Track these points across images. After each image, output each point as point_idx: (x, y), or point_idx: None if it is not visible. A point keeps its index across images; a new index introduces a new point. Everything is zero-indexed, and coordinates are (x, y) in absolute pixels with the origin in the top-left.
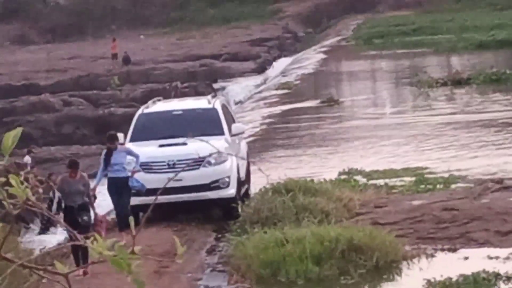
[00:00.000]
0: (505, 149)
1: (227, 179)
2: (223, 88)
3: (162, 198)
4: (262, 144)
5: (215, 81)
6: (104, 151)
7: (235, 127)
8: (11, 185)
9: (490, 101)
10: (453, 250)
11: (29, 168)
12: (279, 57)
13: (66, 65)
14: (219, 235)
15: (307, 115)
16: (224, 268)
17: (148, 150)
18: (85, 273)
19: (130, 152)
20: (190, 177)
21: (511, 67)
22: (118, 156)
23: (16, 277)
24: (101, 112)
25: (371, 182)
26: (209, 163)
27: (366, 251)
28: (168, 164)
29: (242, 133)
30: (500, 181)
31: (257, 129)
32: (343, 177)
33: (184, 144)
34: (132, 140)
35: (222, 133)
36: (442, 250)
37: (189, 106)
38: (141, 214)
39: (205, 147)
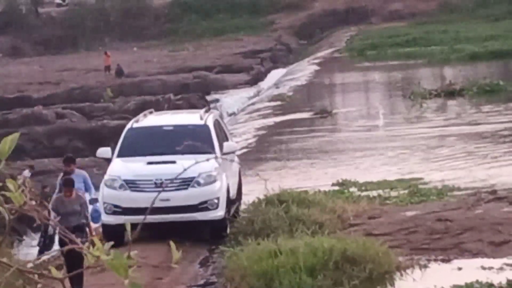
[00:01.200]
0: (498, 160)
1: (216, 201)
2: (217, 100)
3: (149, 218)
4: (255, 156)
5: (208, 93)
6: (61, 175)
7: (227, 145)
8: (6, 191)
9: (483, 112)
10: (447, 260)
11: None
12: (272, 69)
13: (59, 77)
14: (213, 247)
15: (300, 127)
16: (218, 280)
17: (135, 167)
18: None
19: (85, 179)
20: (178, 197)
21: (504, 78)
22: (75, 180)
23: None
24: (94, 125)
25: (364, 193)
26: (198, 183)
27: (359, 262)
28: (155, 183)
29: (234, 152)
30: (493, 192)
31: (250, 141)
32: (336, 188)
33: (173, 162)
34: (119, 155)
35: (213, 151)
36: (436, 260)
37: (180, 122)
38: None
39: (195, 167)
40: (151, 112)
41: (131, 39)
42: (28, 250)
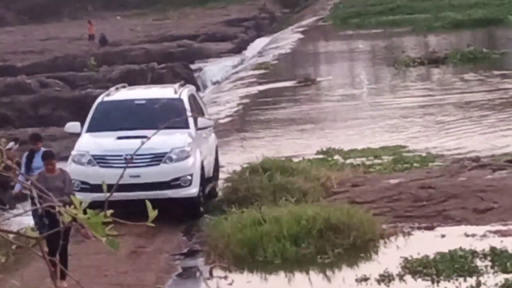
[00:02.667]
0: (481, 128)
1: (189, 177)
2: (200, 69)
3: (118, 195)
4: (239, 124)
5: (192, 62)
6: (26, 153)
7: (202, 120)
8: None
9: (466, 80)
10: (430, 228)
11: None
12: (256, 37)
13: (43, 46)
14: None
15: (284, 95)
16: (202, 248)
17: (104, 142)
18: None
19: None
20: (149, 174)
21: (487, 46)
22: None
23: None
24: (78, 94)
25: (348, 161)
26: (170, 159)
27: (343, 230)
28: (125, 159)
29: (210, 127)
30: (476, 159)
31: (235, 109)
32: (320, 156)
33: (144, 137)
34: (89, 130)
35: (187, 127)
36: (419, 228)
37: (153, 95)
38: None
39: (167, 141)
40: (124, 86)
41: (115, 8)
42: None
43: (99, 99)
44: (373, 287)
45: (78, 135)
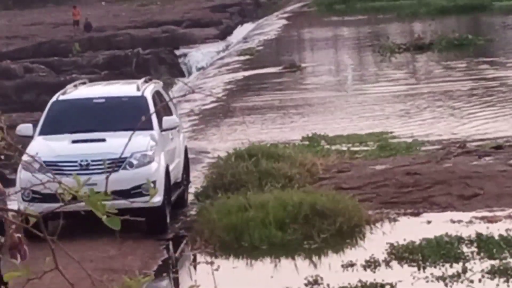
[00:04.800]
0: (467, 115)
1: (151, 185)
2: (185, 55)
3: (72, 206)
4: (224, 110)
5: (177, 48)
6: None
7: (167, 120)
8: None
9: (451, 67)
10: (416, 214)
11: None
12: (241, 23)
13: (27, 31)
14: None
15: (269, 81)
16: (187, 233)
17: (58, 146)
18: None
19: None
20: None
21: (472, 32)
22: None
23: None
24: (62, 79)
25: (334, 147)
26: (131, 165)
27: (329, 216)
28: (80, 165)
29: (175, 128)
30: (462, 145)
31: (219, 95)
32: (306, 142)
33: (102, 140)
34: (42, 133)
35: (150, 128)
36: (405, 214)
37: (114, 93)
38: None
39: (129, 144)
40: (83, 83)
41: None
42: None
43: (53, 98)
44: (359, 273)
45: (30, 138)
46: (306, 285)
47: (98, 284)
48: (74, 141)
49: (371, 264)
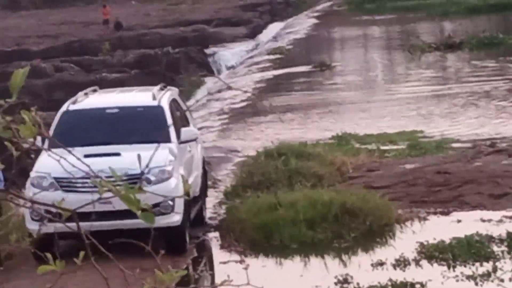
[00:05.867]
0: (497, 114)
1: (170, 203)
2: (215, 54)
3: (85, 225)
4: (254, 109)
5: (207, 47)
6: None
7: (186, 132)
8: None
9: (482, 67)
10: (446, 213)
11: None
12: (271, 22)
13: (57, 30)
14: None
15: (299, 80)
16: (217, 232)
17: (69, 160)
18: None
19: None
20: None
21: (503, 31)
22: None
23: None
24: (92, 78)
25: (364, 146)
26: (148, 181)
27: (359, 215)
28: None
29: (195, 140)
30: (492, 144)
31: (249, 94)
32: (336, 141)
33: (117, 154)
34: (51, 146)
35: (168, 140)
36: (435, 213)
37: (128, 103)
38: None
39: (144, 160)
40: (94, 91)
41: None
42: None
43: (63, 108)
44: (389, 272)
45: (39, 151)
46: (336, 284)
47: (131, 279)
48: (86, 156)
49: (401, 263)
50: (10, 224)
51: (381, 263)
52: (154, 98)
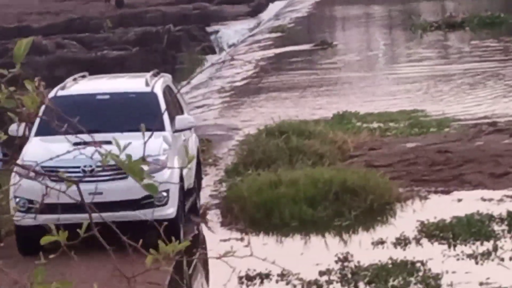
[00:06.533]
0: (498, 93)
1: (164, 194)
2: (217, 32)
3: (73, 218)
4: (255, 86)
5: (208, 25)
6: None
7: (181, 120)
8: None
9: (484, 46)
10: (447, 192)
11: None
12: (273, 0)
13: (59, 7)
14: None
15: (301, 58)
16: (218, 210)
17: (57, 149)
18: None
19: None
20: (113, 190)
21: (505, 11)
22: None
23: None
24: (93, 55)
25: (365, 124)
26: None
27: (360, 193)
28: (84, 170)
29: (190, 128)
30: (493, 123)
31: (251, 72)
32: (337, 119)
33: (108, 142)
34: (38, 133)
35: (162, 128)
36: (436, 192)
37: (119, 89)
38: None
39: (138, 148)
40: (84, 76)
41: None
42: None
43: (51, 93)
44: (390, 251)
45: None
46: (336, 262)
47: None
48: (75, 144)
49: (402, 241)
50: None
51: (381, 242)
52: (147, 84)
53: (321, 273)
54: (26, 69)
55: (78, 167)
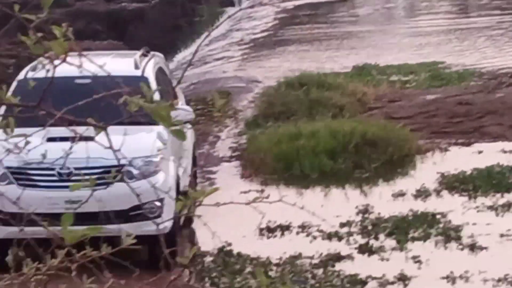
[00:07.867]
0: None
1: (157, 203)
2: None
3: (42, 232)
4: (275, 39)
5: None
6: None
7: (178, 112)
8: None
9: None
10: (467, 144)
11: None
12: None
13: None
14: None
15: (320, 11)
16: (238, 162)
17: (27, 145)
18: None
19: None
20: (96, 199)
21: None
22: None
23: None
24: (112, 7)
25: (385, 77)
26: (130, 176)
27: (380, 145)
28: (60, 174)
29: (188, 122)
30: None
31: (270, 24)
32: (357, 71)
33: (90, 139)
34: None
35: (155, 121)
36: (456, 144)
37: (103, 72)
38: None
39: (125, 147)
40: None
41: None
42: None
43: (20, 75)
44: (410, 202)
45: None
46: (357, 214)
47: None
48: (50, 139)
49: (422, 193)
50: None
51: (401, 194)
52: (136, 66)
53: (342, 225)
54: (46, 22)
55: (53, 169)
